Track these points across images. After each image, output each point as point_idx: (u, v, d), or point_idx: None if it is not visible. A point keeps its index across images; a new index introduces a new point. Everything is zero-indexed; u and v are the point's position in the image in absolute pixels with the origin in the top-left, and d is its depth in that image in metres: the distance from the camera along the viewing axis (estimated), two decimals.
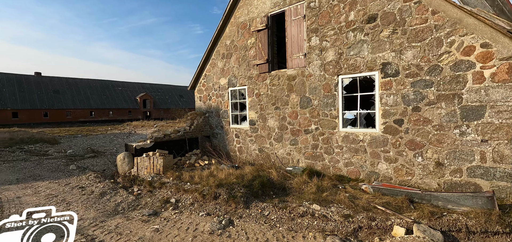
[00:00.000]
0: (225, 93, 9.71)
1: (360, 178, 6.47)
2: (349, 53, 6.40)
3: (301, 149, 7.62)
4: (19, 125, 37.28)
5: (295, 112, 7.65)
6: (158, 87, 65.95)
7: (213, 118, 10.30)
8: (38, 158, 10.88)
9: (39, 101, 45.24)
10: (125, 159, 7.81)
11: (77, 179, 7.24)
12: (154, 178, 6.96)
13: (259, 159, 8.70)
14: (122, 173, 7.78)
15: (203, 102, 10.72)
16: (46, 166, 8.80)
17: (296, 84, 7.58)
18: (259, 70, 8.43)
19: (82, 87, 52.48)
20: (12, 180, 7.14)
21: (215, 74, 10.04)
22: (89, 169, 8.45)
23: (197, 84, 10.97)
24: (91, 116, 50.09)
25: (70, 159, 10.69)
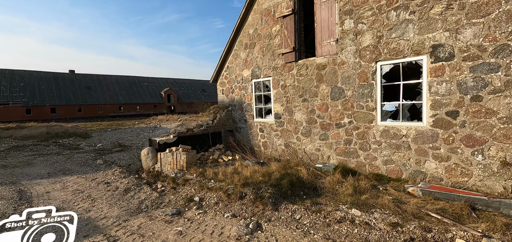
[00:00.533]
0: (249, 85, 9.26)
1: (402, 178, 5.72)
2: (390, 36, 5.60)
3: (332, 144, 6.98)
4: (56, 120, 40.03)
5: (325, 104, 7.00)
6: (181, 81, 67.44)
7: (236, 112, 9.92)
8: (70, 152, 11.28)
9: (73, 97, 48.21)
10: (149, 154, 7.70)
11: (104, 174, 7.25)
12: (177, 175, 6.74)
13: (285, 155, 8.19)
14: (146, 168, 7.69)
15: (225, 95, 10.38)
16: (76, 160, 9.02)
17: (326, 74, 6.91)
18: (285, 60, 7.85)
19: (111, 83, 55.04)
20: (43, 174, 7.32)
21: (238, 65, 9.61)
22: (115, 164, 8.50)
23: (219, 77, 10.64)
24: (120, 110, 52.47)
25: (98, 153, 10.94)
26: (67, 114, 46.01)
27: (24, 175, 7.24)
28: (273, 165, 7.03)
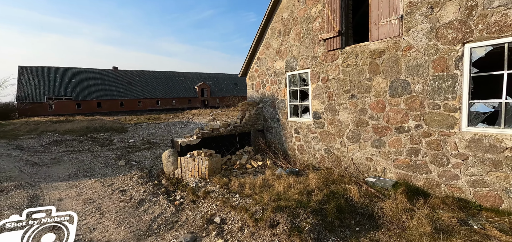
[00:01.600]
0: (282, 78, 7.98)
1: (501, 208, 4.02)
2: (491, 5, 3.87)
3: (390, 154, 5.42)
4: (101, 114, 43.04)
5: (381, 102, 5.44)
6: (214, 76, 68.24)
7: (268, 109, 8.73)
8: (101, 148, 11.21)
9: (116, 92, 51.45)
10: (170, 158, 6.92)
11: (122, 178, 6.65)
12: (198, 184, 5.81)
13: (326, 162, 6.80)
14: (167, 173, 6.93)
15: (255, 91, 9.23)
16: (101, 160, 8.70)
17: (384, 62, 5.33)
18: (328, 47, 6.40)
19: (150, 79, 57.65)
20: (64, 175, 6.98)
21: (270, 56, 8.36)
22: (137, 166, 7.94)
23: (249, 70, 9.51)
24: (158, 105, 54.78)
25: (126, 151, 10.66)
26: (111, 108, 49.27)
27: (47, 175, 6.97)
28: (311, 176, 5.73)
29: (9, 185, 6.09)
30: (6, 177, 6.78)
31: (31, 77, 45.73)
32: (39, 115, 37.15)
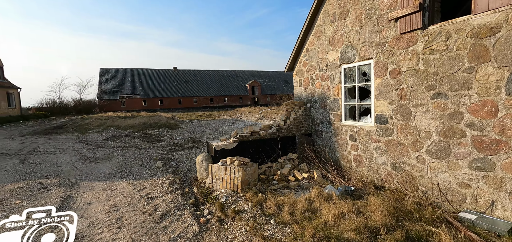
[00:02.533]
0: (336, 73, 6.52)
1: None
2: None
3: (504, 182, 3.58)
4: (162, 110, 46.97)
5: (490, 104, 3.63)
6: (265, 74, 68.03)
7: (317, 110, 7.36)
8: (149, 145, 11.47)
9: (175, 90, 55.62)
10: (203, 163, 6.24)
11: (154, 182, 6.26)
12: (228, 199, 4.92)
13: (392, 181, 5.16)
14: (200, 180, 6.28)
15: (303, 88, 7.94)
16: (143, 158, 8.68)
17: (498, 44, 3.51)
18: (401, 28, 4.74)
19: (205, 77, 60.68)
20: (104, 174, 6.98)
21: (321, 46, 6.97)
22: (173, 169, 7.55)
23: (295, 64, 8.26)
24: (211, 102, 57.30)
25: (170, 150, 10.62)
26: (171, 105, 53.47)
27: (90, 173, 7.08)
28: (373, 201, 4.28)
29: (53, 181, 6.27)
30: (56, 172, 7.11)
31: (109, 77, 52.82)
32: (113, 111, 42.53)
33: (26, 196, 5.40)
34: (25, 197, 5.31)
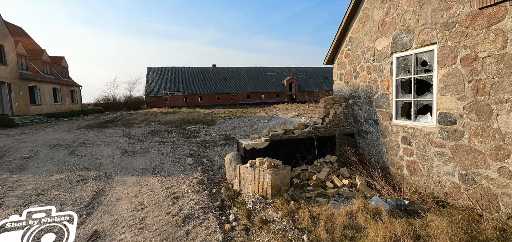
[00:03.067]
0: (385, 63, 5.54)
1: None
2: None
3: None
4: (201, 106, 48.75)
5: None
6: (303, 70, 66.16)
7: (361, 107, 6.43)
8: (184, 140, 11.62)
9: (214, 87, 57.25)
10: (232, 163, 5.85)
11: (182, 181, 6.07)
12: (256, 206, 4.42)
13: (461, 196, 4.10)
14: (229, 181, 5.90)
15: (345, 82, 7.04)
16: (176, 154, 8.69)
17: None
18: (481, 2, 3.66)
19: (242, 74, 61.31)
20: (137, 169, 7.06)
21: (368, 34, 6.02)
22: (203, 167, 7.33)
23: (336, 56, 7.37)
24: (248, 99, 57.69)
25: (203, 146, 10.57)
26: (209, 101, 55.21)
27: (125, 167, 7.24)
28: (437, 223, 3.40)
29: (91, 174, 6.51)
30: (96, 165, 7.43)
31: (155, 75, 56.60)
32: (158, 106, 45.50)
33: (65, 188, 5.63)
34: (64, 189, 5.54)
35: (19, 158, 8.09)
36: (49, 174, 6.60)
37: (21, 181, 6.09)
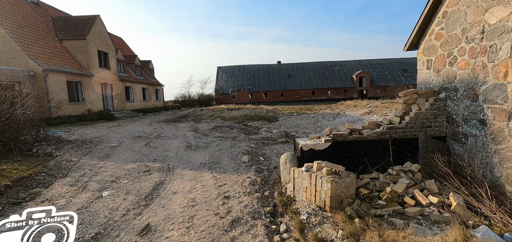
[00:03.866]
0: (502, 41, 3.98)
1: None
2: None
3: None
4: (265, 103, 49.41)
5: None
6: (377, 62, 59.58)
7: (458, 103, 4.90)
8: (244, 137, 11.65)
9: (278, 84, 57.28)
10: (287, 164, 5.29)
11: (235, 179, 5.86)
12: (311, 218, 3.76)
13: None
14: (283, 184, 5.37)
15: (435, 71, 5.54)
16: (234, 150, 8.65)
17: None
18: None
19: (307, 70, 59.40)
20: (198, 163, 7.25)
21: (472, 4, 4.49)
22: (259, 165, 6.99)
23: (422, 39, 5.88)
24: (313, 95, 55.56)
25: (262, 143, 10.31)
26: (273, 98, 55.54)
27: (186, 161, 7.55)
28: None
29: (156, 166, 6.99)
30: (162, 157, 8.00)
31: (224, 74, 60.39)
32: (225, 103, 48.40)
33: (133, 177, 6.15)
34: (132, 178, 6.05)
35: (108, 146, 9.49)
36: (125, 162, 7.42)
37: (104, 167, 7.01)
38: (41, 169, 6.72)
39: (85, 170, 6.81)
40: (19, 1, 21.19)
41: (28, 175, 6.27)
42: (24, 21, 19.62)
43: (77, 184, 5.78)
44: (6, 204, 4.94)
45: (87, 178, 6.17)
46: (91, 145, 9.64)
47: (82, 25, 23.24)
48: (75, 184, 5.82)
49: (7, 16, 18.22)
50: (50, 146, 9.20)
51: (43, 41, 19.98)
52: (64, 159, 7.74)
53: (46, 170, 6.75)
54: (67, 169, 6.93)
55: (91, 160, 7.70)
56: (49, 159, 7.67)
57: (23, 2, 21.56)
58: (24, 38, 18.18)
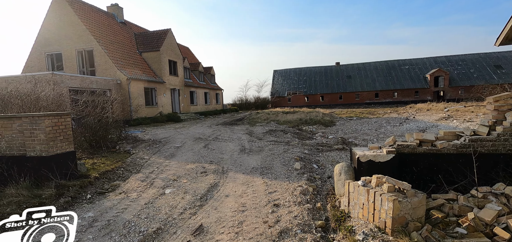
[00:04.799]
0: None
1: None
2: None
3: None
4: (322, 106, 47.52)
5: None
6: (458, 59, 51.07)
7: None
8: (297, 142, 11.40)
9: (336, 86, 54.52)
10: (342, 176, 4.90)
11: (286, 186, 5.73)
12: (367, 239, 3.36)
13: None
14: (337, 196, 5.00)
15: None
16: (287, 156, 8.51)
17: None
18: None
19: (370, 70, 54.90)
20: (250, 167, 7.39)
21: None
22: (311, 174, 6.69)
23: None
24: (376, 98, 50.99)
25: (316, 149, 9.90)
26: (331, 101, 53.08)
27: (240, 164, 7.78)
28: None
29: (212, 168, 7.40)
30: (218, 159, 8.44)
31: (279, 77, 60.68)
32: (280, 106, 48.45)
33: (192, 177, 6.65)
34: (190, 178, 6.55)
35: (173, 147, 10.55)
36: (186, 162, 8.10)
37: (169, 166, 7.80)
38: (121, 165, 7.89)
39: (153, 167, 7.70)
40: (112, 22, 25.60)
41: (111, 169, 7.44)
42: (115, 38, 23.59)
43: (147, 180, 6.58)
44: (94, 193, 5.96)
45: (154, 175, 6.96)
46: (160, 145, 10.87)
47: (157, 39, 26.63)
48: (145, 179, 6.63)
49: (103, 35, 22.21)
50: (128, 144, 10.76)
51: (127, 54, 23.65)
52: (138, 156, 8.92)
53: (124, 165, 7.90)
54: (140, 166, 7.96)
55: (159, 159, 8.67)
56: (127, 156, 8.96)
57: (114, 23, 25.97)
58: (114, 52, 21.85)
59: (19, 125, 6.34)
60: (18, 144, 6.39)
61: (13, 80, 14.13)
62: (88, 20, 21.78)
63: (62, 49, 21.20)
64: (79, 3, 22.49)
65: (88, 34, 20.62)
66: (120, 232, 4.05)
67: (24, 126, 6.26)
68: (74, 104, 11.33)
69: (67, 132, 6.67)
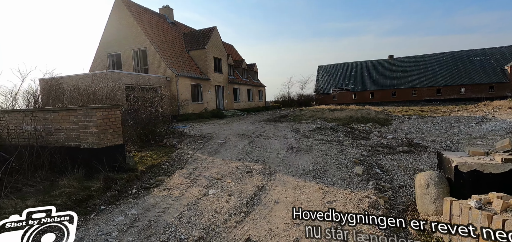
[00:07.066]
0: None
1: None
2: None
3: None
4: (372, 104, 43.64)
5: None
6: None
7: None
8: (351, 142, 10.10)
9: (389, 81, 49.70)
10: (430, 189, 3.72)
11: (349, 196, 4.71)
12: None
13: None
14: (422, 214, 3.83)
15: None
16: (342, 158, 7.37)
17: None
18: None
19: (430, 63, 48.73)
20: (299, 169, 6.51)
21: None
22: (378, 181, 5.50)
23: None
24: (438, 94, 45.00)
25: (376, 151, 8.51)
26: (382, 98, 48.53)
27: (288, 165, 6.97)
28: None
29: (258, 167, 6.72)
30: (264, 158, 7.75)
31: (324, 73, 57.86)
32: (325, 103, 45.94)
33: (236, 177, 6.07)
34: (235, 178, 5.97)
35: (217, 143, 10.24)
36: (230, 160, 7.60)
37: (213, 163, 7.40)
38: (166, 159, 7.77)
39: (197, 163, 7.38)
40: (163, 23, 27.04)
41: (157, 163, 7.33)
42: (165, 38, 24.82)
43: (190, 177, 6.22)
44: (140, 187, 5.79)
45: (198, 172, 6.59)
46: (204, 140, 10.69)
47: (203, 37, 27.29)
48: (189, 176, 6.29)
49: (155, 35, 23.50)
50: (175, 139, 10.81)
51: (176, 52, 24.68)
52: (183, 151, 8.77)
53: (169, 160, 7.76)
54: (184, 161, 7.74)
55: (203, 155, 8.37)
56: (173, 151, 8.88)
57: (165, 23, 27.40)
58: (164, 51, 22.94)
59: (75, 117, 6.54)
60: (74, 136, 6.61)
61: (81, 78, 15.67)
62: (142, 22, 23.26)
63: (121, 50, 23.03)
64: (135, 6, 24.19)
65: (142, 35, 21.99)
66: (160, 237, 3.62)
67: (79, 118, 6.43)
68: (127, 99, 11.89)
69: (116, 125, 6.70)
